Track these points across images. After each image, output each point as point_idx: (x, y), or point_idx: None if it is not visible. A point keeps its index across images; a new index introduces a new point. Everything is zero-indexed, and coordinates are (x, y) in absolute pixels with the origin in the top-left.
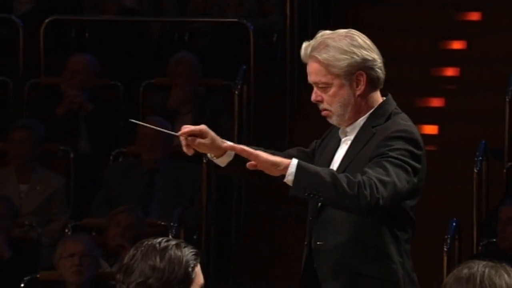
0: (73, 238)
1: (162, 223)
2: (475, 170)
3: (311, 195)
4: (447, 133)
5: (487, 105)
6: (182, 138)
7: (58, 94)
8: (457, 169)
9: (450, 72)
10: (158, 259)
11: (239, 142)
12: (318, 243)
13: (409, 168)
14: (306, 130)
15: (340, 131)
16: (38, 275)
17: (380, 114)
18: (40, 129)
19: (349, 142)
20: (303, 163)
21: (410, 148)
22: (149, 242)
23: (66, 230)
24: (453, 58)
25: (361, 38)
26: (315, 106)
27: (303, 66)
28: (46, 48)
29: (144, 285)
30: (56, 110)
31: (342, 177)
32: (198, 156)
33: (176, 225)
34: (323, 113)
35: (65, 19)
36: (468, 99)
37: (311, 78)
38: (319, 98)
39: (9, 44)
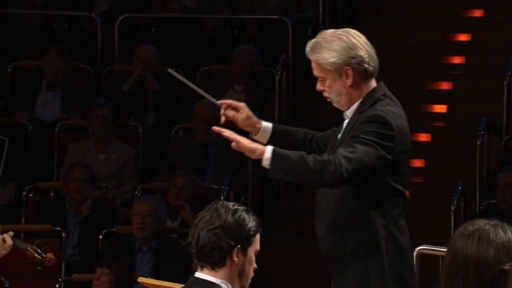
0: (141, 199)
1: (215, 186)
2: (478, 143)
3: (285, 176)
4: (454, 112)
5: (488, 88)
6: (222, 108)
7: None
8: (463, 142)
9: (457, 60)
10: (229, 215)
11: (279, 119)
12: (319, 205)
13: (378, 147)
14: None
15: (344, 115)
16: (113, 229)
17: (367, 101)
18: (115, 107)
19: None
20: (277, 149)
21: (380, 130)
22: (224, 203)
23: (136, 192)
24: (460, 48)
25: (350, 38)
26: None
27: None
28: (119, 41)
29: (212, 231)
30: (122, 88)
31: (310, 158)
32: (246, 133)
33: (226, 188)
34: (327, 99)
35: (135, 17)
36: (472, 82)
37: (313, 72)
38: (321, 88)
39: (89, 38)
